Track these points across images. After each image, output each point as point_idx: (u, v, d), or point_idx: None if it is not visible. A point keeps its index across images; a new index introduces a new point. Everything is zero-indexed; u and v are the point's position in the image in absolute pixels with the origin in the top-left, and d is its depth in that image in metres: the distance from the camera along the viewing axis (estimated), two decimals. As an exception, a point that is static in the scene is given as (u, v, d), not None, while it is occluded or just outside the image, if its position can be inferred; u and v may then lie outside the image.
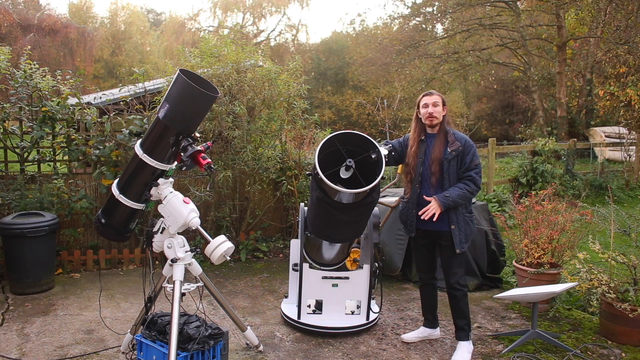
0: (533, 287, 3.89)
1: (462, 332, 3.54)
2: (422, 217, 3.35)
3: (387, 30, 21.09)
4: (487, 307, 4.51)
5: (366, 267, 3.89)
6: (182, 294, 2.90)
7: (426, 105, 3.49)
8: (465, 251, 3.50)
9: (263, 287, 5.06)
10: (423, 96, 3.55)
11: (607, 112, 13.63)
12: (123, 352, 3.39)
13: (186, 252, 3.04)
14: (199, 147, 2.83)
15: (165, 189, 2.98)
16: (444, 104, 3.52)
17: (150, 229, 3.05)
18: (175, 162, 2.97)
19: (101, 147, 5.33)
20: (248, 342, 3.58)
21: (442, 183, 3.42)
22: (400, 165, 5.03)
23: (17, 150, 5.48)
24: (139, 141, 2.96)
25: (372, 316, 3.95)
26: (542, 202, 4.63)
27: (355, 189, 3.17)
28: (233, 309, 3.64)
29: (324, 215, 3.50)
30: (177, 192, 3.00)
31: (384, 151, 3.34)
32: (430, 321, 3.82)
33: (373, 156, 3.28)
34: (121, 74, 7.50)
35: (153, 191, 2.98)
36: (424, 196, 3.42)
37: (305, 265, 3.89)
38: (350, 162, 3.28)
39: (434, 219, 3.33)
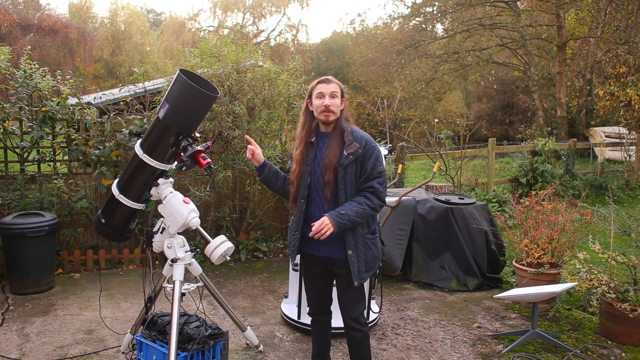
0: (533, 287, 3.89)
1: None
2: (312, 236, 2.59)
3: (387, 30, 21.08)
4: (487, 307, 4.51)
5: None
6: (182, 294, 2.90)
7: (321, 95, 2.70)
8: (364, 283, 2.72)
9: (263, 287, 5.06)
10: (317, 83, 2.75)
11: (607, 112, 13.66)
12: (123, 352, 3.40)
13: (186, 252, 3.04)
14: (199, 147, 2.83)
15: (165, 189, 2.98)
16: (342, 96, 2.75)
17: (150, 229, 3.06)
18: (175, 162, 2.97)
19: (101, 147, 5.32)
20: (248, 342, 3.58)
21: (337, 196, 2.68)
22: (400, 165, 5.03)
23: (17, 150, 5.47)
24: (139, 141, 2.96)
25: (372, 316, 3.95)
26: (542, 202, 4.63)
27: None
28: (233, 309, 3.65)
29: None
30: (177, 192, 3.00)
31: (384, 151, 3.34)
32: None
33: None
34: (121, 74, 7.49)
35: (153, 191, 2.99)
36: (311, 223, 2.63)
37: (305, 265, 3.88)
38: None
39: (322, 238, 2.57)
